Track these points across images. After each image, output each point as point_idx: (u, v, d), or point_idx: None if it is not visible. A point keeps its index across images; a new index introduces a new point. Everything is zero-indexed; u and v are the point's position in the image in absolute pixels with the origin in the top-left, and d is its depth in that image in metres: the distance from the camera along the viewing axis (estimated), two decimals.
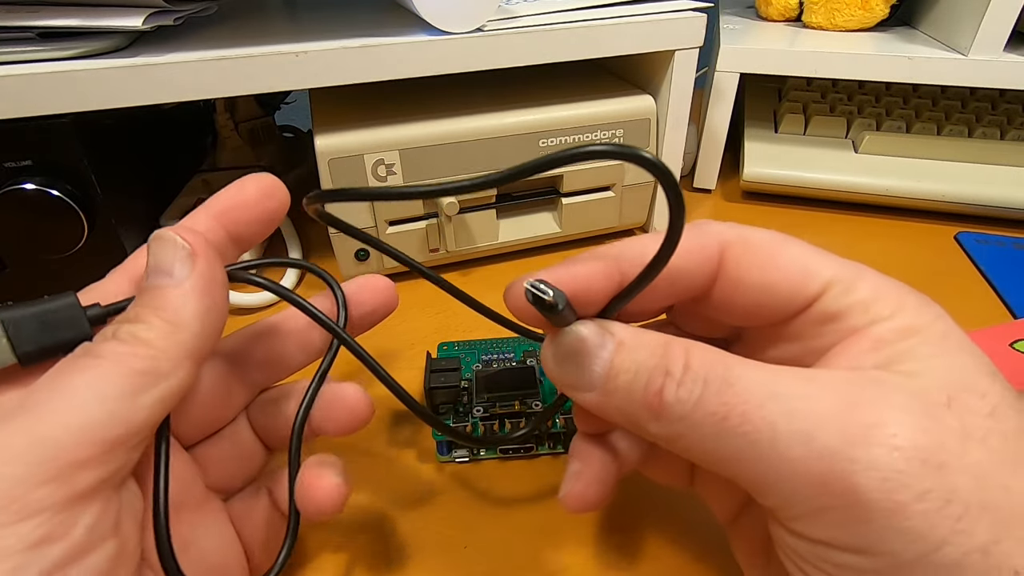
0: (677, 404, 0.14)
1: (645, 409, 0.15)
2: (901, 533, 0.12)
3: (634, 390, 0.15)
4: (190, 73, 0.29)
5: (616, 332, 0.16)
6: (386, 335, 0.34)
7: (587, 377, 0.15)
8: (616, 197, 0.40)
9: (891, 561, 0.12)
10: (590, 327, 0.16)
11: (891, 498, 0.12)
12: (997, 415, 0.13)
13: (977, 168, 0.43)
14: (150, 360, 0.15)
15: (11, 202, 0.29)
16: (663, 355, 0.15)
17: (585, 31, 0.34)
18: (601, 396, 0.15)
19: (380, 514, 0.24)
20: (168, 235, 0.17)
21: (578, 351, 0.15)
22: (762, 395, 0.14)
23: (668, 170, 0.13)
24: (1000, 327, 0.31)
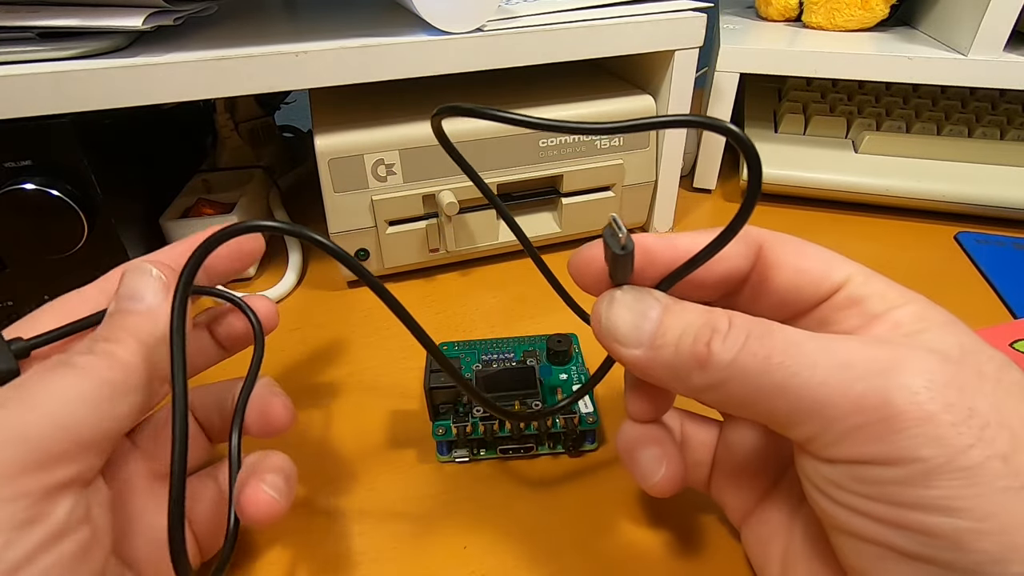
0: (724, 352, 0.16)
1: (693, 360, 0.16)
2: (931, 440, 0.13)
3: (682, 344, 0.16)
4: (190, 73, 0.29)
5: (661, 299, 0.18)
6: (386, 335, 0.34)
7: (636, 334, 0.17)
8: (616, 197, 0.40)
9: (920, 468, 0.13)
10: (641, 290, 0.18)
11: (922, 409, 0.13)
12: (1004, 369, 0.15)
13: (977, 168, 0.43)
14: (124, 374, 0.17)
15: (11, 202, 0.29)
16: (709, 316, 0.17)
17: (585, 31, 0.34)
18: (648, 351, 0.17)
19: (380, 514, 0.24)
20: (144, 266, 0.19)
21: (629, 309, 0.17)
22: (801, 339, 0.15)
23: (752, 146, 0.15)
24: (1000, 327, 0.31)
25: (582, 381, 0.27)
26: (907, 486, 0.13)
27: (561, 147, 0.37)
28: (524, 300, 0.36)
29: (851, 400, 0.14)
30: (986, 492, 0.13)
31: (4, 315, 0.32)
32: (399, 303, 0.18)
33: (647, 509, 0.24)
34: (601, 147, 0.38)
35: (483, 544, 0.23)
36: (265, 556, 0.22)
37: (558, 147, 0.37)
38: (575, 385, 0.27)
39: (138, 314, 0.18)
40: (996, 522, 0.13)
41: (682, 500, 0.24)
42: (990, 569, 0.13)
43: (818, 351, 0.15)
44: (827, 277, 0.18)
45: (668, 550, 0.22)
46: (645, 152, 0.39)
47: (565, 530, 0.23)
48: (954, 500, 0.13)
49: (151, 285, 0.18)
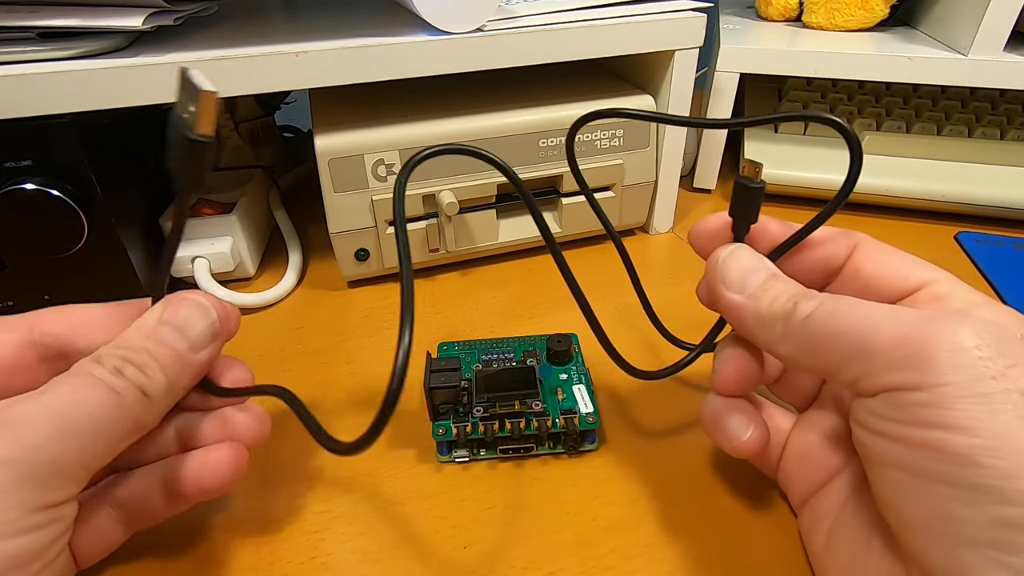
0: (805, 309, 0.18)
1: (780, 314, 0.19)
2: (959, 367, 0.15)
3: (776, 302, 0.19)
4: None
5: (772, 268, 0.21)
6: (386, 335, 0.34)
7: (741, 282, 0.21)
8: (616, 197, 0.40)
9: (945, 391, 0.15)
10: (756, 254, 0.22)
11: (957, 343, 0.15)
12: None
13: (977, 168, 0.43)
14: (145, 414, 0.17)
15: (11, 202, 0.29)
16: (803, 288, 0.20)
17: (585, 31, 0.34)
18: (747, 299, 0.20)
19: (380, 514, 0.24)
20: (205, 304, 0.19)
21: (744, 262, 0.21)
22: (865, 301, 0.18)
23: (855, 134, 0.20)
24: None
25: (582, 381, 0.27)
26: (932, 407, 0.15)
27: (561, 147, 0.37)
28: (524, 300, 0.36)
29: (895, 337, 0.16)
30: (1000, 417, 0.14)
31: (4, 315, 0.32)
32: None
33: (647, 509, 0.24)
34: (601, 147, 0.38)
35: (483, 544, 0.23)
36: (265, 556, 0.22)
37: (558, 147, 0.37)
38: (575, 385, 0.27)
39: (176, 354, 0.18)
40: (1006, 442, 0.14)
41: (682, 500, 0.24)
42: (998, 483, 0.14)
43: (876, 308, 0.17)
44: (912, 274, 0.20)
45: (669, 550, 0.22)
46: (645, 152, 0.39)
47: (565, 530, 0.23)
48: (972, 420, 0.14)
49: (203, 329, 0.19)
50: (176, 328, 0.18)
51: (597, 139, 0.37)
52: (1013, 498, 0.13)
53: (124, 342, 0.18)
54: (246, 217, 0.38)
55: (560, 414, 0.25)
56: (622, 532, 0.23)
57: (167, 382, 0.18)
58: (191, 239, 0.37)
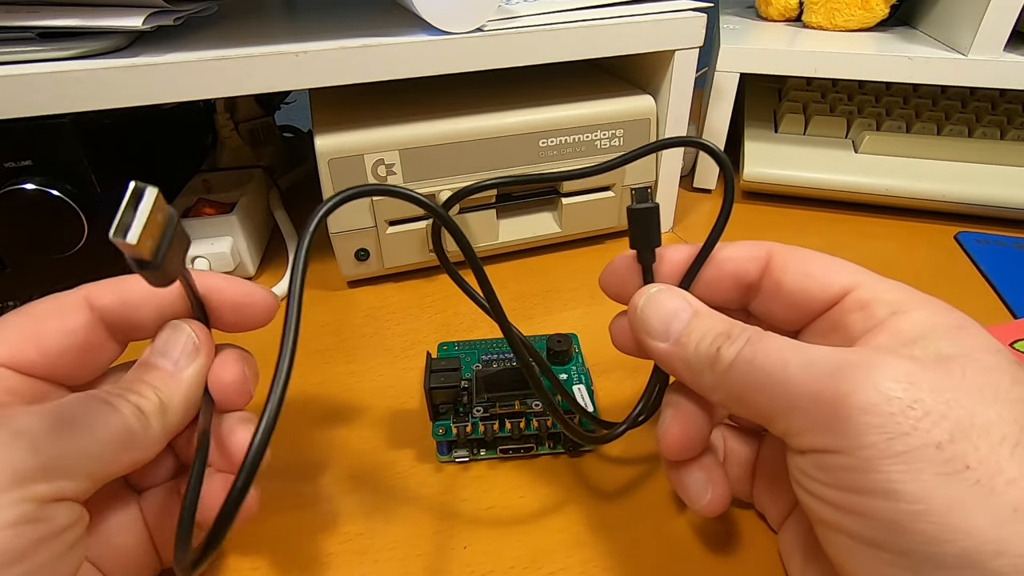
0: (727, 357, 0.18)
1: (706, 361, 0.18)
2: (871, 427, 0.14)
3: (701, 347, 0.18)
4: (190, 73, 0.29)
5: (693, 303, 0.20)
6: (386, 335, 0.34)
7: (665, 330, 0.20)
8: (616, 197, 0.40)
9: (864, 454, 0.14)
10: (675, 292, 0.20)
11: (866, 400, 0.15)
12: (984, 372, 0.15)
13: (977, 168, 0.43)
14: (142, 428, 0.17)
15: (11, 202, 0.29)
16: (728, 326, 0.19)
17: (585, 31, 0.34)
18: (672, 347, 0.19)
19: (380, 514, 0.24)
20: (182, 326, 0.20)
21: (663, 307, 0.20)
22: (784, 344, 0.17)
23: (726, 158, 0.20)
24: (1000, 327, 0.31)
25: (582, 381, 0.27)
26: (855, 472, 0.15)
27: (561, 147, 0.37)
28: (524, 300, 0.36)
29: (812, 393, 0.16)
30: (920, 477, 0.14)
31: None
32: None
33: (647, 509, 0.24)
34: (601, 147, 0.38)
35: (483, 544, 0.23)
36: (264, 556, 0.22)
37: (558, 147, 0.37)
38: (575, 385, 0.27)
39: (164, 371, 0.19)
40: (930, 504, 0.13)
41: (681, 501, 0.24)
42: (927, 549, 0.13)
43: (793, 355, 0.17)
44: (833, 281, 0.19)
45: (669, 551, 0.22)
46: None
47: (565, 530, 0.23)
48: (893, 484, 0.14)
49: (182, 346, 0.19)
50: (159, 352, 0.19)
51: (597, 139, 0.37)
52: (945, 562, 0.13)
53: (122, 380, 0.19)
54: (246, 217, 0.38)
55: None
56: (622, 532, 0.23)
57: (159, 400, 0.18)
58: (191, 239, 0.37)
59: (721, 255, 0.21)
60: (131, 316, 0.20)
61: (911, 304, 0.18)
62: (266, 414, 0.16)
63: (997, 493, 0.13)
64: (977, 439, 0.14)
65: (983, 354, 0.16)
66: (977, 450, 0.14)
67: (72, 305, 0.19)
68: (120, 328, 0.20)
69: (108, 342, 0.20)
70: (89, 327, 0.19)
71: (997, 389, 0.15)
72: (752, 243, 0.21)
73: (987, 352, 0.16)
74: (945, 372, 0.15)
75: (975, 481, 0.13)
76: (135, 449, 0.17)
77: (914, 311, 0.17)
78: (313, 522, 0.24)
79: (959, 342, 0.16)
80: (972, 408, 0.14)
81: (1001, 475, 0.13)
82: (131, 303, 0.20)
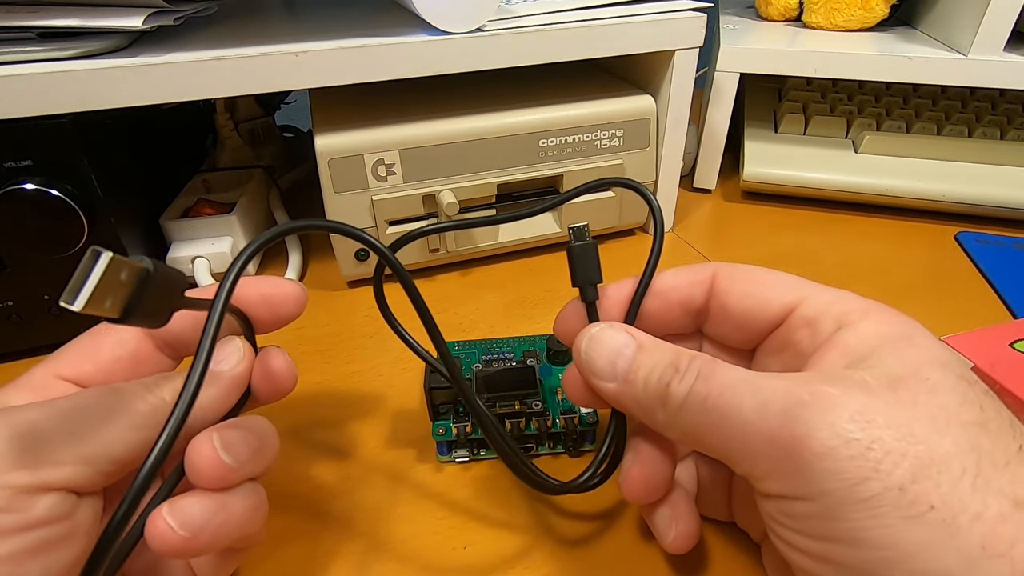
0: (678, 394, 0.17)
1: (657, 398, 0.17)
2: (831, 473, 0.14)
3: (650, 382, 0.18)
4: (190, 73, 0.29)
5: (637, 336, 0.19)
6: (386, 335, 0.34)
7: (611, 370, 0.18)
8: (616, 197, 0.40)
9: (827, 501, 0.14)
10: (617, 327, 0.19)
11: (823, 444, 0.14)
12: (934, 393, 0.15)
13: (977, 168, 0.43)
14: (153, 407, 0.17)
15: (11, 202, 0.29)
16: (675, 357, 0.18)
17: (585, 31, 0.34)
18: (621, 386, 0.18)
19: (380, 514, 0.24)
20: (236, 342, 0.20)
21: (606, 346, 0.19)
22: (736, 380, 0.16)
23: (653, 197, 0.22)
24: (1000, 327, 0.31)
25: None
26: (821, 520, 0.14)
27: (561, 147, 0.37)
28: (524, 300, 0.36)
29: (767, 438, 0.15)
30: (887, 522, 0.13)
31: (4, 315, 0.32)
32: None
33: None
34: (601, 147, 0.38)
35: (483, 544, 0.23)
36: (264, 556, 0.22)
37: (558, 147, 0.37)
38: None
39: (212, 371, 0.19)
40: (899, 550, 0.13)
41: None
42: None
43: (747, 392, 0.16)
44: (776, 299, 0.19)
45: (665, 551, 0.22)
46: (645, 152, 0.39)
47: (565, 530, 0.23)
48: (860, 532, 0.13)
49: (231, 353, 0.19)
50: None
51: (597, 139, 0.37)
52: None
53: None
54: (246, 217, 0.38)
55: (560, 414, 0.25)
56: (622, 532, 0.23)
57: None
58: (191, 239, 0.37)
59: (664, 285, 0.21)
60: (174, 327, 0.19)
61: (856, 315, 0.17)
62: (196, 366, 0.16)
63: (963, 531, 0.13)
64: (938, 475, 0.13)
65: (930, 371, 0.15)
66: (939, 487, 0.13)
67: None
68: (166, 341, 0.20)
69: (158, 355, 0.20)
70: (137, 338, 0.20)
71: (948, 414, 0.14)
72: (695, 267, 0.21)
73: (934, 367, 0.15)
74: (897, 402, 0.15)
75: (940, 521, 0.13)
76: (142, 428, 0.17)
77: (860, 323, 0.17)
78: (312, 522, 0.24)
79: (907, 357, 0.16)
80: (929, 441, 0.14)
81: (965, 512, 0.13)
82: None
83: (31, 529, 0.15)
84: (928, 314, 0.18)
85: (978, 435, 0.14)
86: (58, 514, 0.15)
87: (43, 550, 0.15)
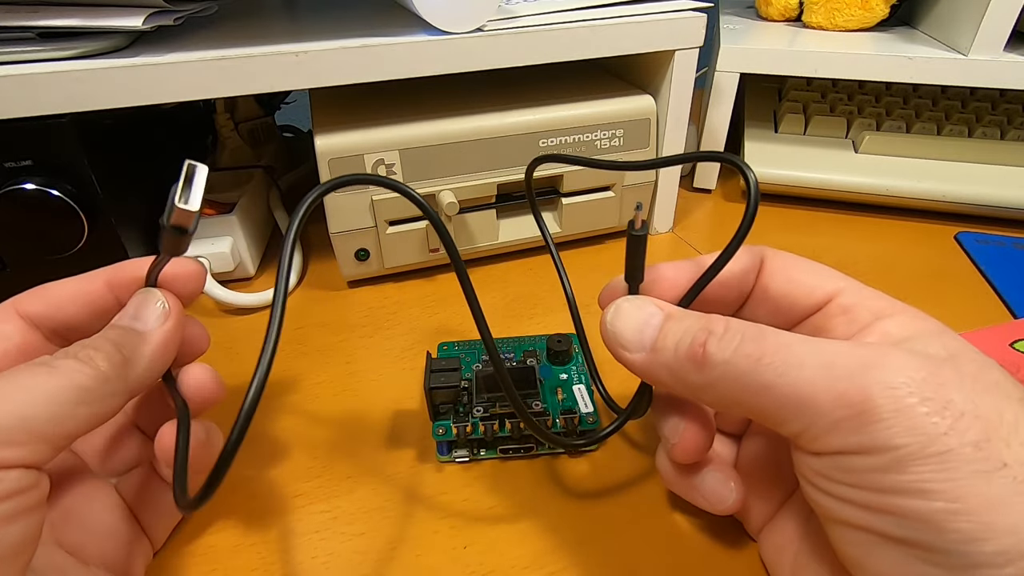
0: (719, 352, 0.17)
1: (689, 361, 0.17)
2: (908, 430, 0.14)
3: (680, 346, 0.18)
4: (190, 73, 0.29)
5: (664, 307, 0.19)
6: (386, 335, 0.34)
7: (639, 339, 0.19)
8: (616, 197, 0.40)
9: (896, 455, 0.14)
10: (644, 299, 0.19)
11: (900, 402, 0.14)
12: (984, 370, 0.16)
13: (977, 168, 0.43)
14: (95, 383, 0.17)
15: (11, 202, 0.29)
16: (707, 321, 0.18)
17: (585, 31, 0.34)
18: (650, 354, 0.18)
19: (380, 514, 0.24)
20: (154, 293, 0.20)
21: (632, 316, 0.19)
22: (792, 340, 0.16)
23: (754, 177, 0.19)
24: (1000, 327, 0.31)
25: (582, 381, 0.27)
26: (885, 472, 0.14)
27: (561, 147, 0.37)
28: (524, 300, 0.36)
29: (834, 396, 0.15)
30: (958, 475, 0.14)
31: None
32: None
33: (648, 509, 0.24)
34: (601, 147, 0.38)
35: (483, 544, 0.23)
36: (266, 556, 0.22)
37: (558, 147, 0.37)
38: (575, 385, 0.27)
39: (134, 332, 0.19)
40: (968, 503, 0.13)
41: (682, 500, 0.24)
42: (965, 548, 0.13)
43: (806, 352, 0.16)
44: (818, 287, 0.19)
45: (669, 550, 0.22)
46: (645, 152, 0.39)
47: (565, 530, 0.23)
48: (929, 483, 0.14)
49: (151, 309, 0.20)
50: (127, 315, 0.20)
51: (597, 139, 0.37)
52: (982, 561, 0.13)
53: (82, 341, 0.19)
54: (246, 217, 0.38)
55: (560, 414, 0.25)
56: (623, 532, 0.23)
57: (121, 355, 0.18)
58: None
59: (726, 271, 0.20)
60: (60, 316, 0.20)
61: (892, 310, 0.18)
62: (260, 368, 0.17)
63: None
64: (1008, 436, 0.14)
65: (973, 355, 0.16)
66: (1009, 447, 0.14)
67: (1, 314, 0.20)
68: (55, 330, 0.20)
69: (48, 345, 0.20)
70: (23, 331, 0.20)
71: (1001, 388, 0.15)
72: (746, 250, 0.21)
73: (975, 353, 0.16)
74: (959, 372, 0.15)
75: (1012, 478, 0.13)
76: (91, 402, 0.17)
77: (896, 316, 0.18)
78: (313, 522, 0.24)
79: (946, 344, 0.16)
80: (996, 407, 0.14)
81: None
82: (56, 304, 0.20)
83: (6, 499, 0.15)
84: (928, 314, 0.18)
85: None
86: (17, 488, 0.16)
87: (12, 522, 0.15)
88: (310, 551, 0.23)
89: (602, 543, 0.23)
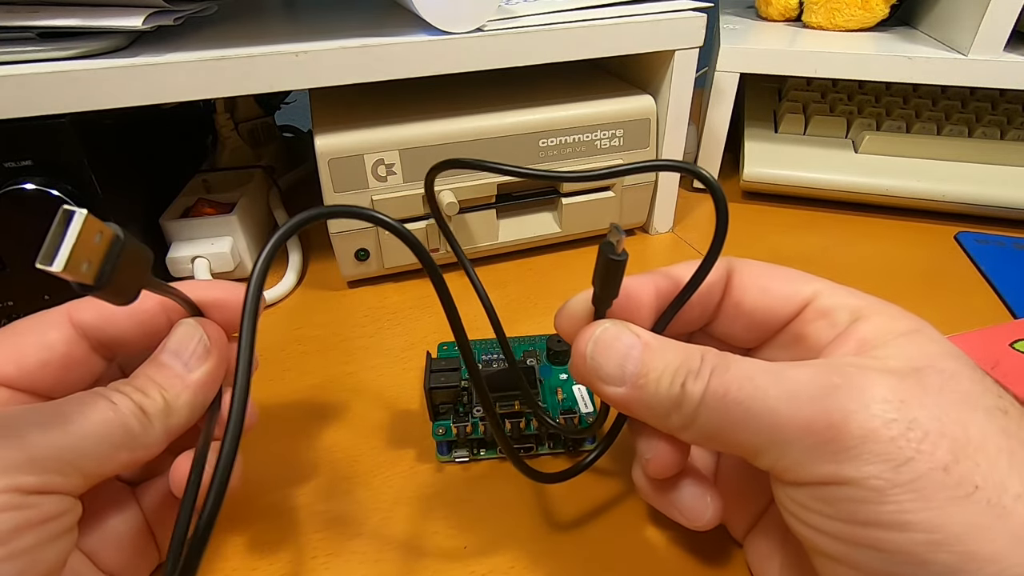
0: (694, 393, 0.16)
1: (671, 402, 0.17)
2: (875, 455, 0.14)
3: (661, 385, 0.17)
4: (190, 73, 0.29)
5: (641, 334, 0.18)
6: (386, 335, 0.34)
7: (620, 373, 0.17)
8: (616, 197, 0.40)
9: (870, 484, 0.14)
10: (619, 324, 0.18)
11: (863, 427, 0.14)
12: (953, 380, 0.15)
13: (977, 168, 0.43)
14: (142, 427, 0.17)
15: (11, 202, 0.29)
16: (686, 355, 0.17)
17: (585, 31, 0.34)
18: (631, 390, 0.17)
19: (380, 514, 0.24)
20: (196, 327, 0.19)
21: (612, 347, 0.18)
22: (753, 370, 0.16)
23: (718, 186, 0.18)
24: (1000, 327, 0.31)
25: None
26: (862, 503, 0.14)
27: (561, 147, 0.37)
28: (524, 300, 0.36)
29: (800, 425, 0.15)
30: (933, 504, 0.13)
31: (4, 315, 0.32)
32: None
33: (647, 508, 0.24)
34: (601, 147, 0.38)
35: (483, 544, 0.23)
36: (266, 556, 0.22)
37: (558, 147, 0.37)
38: (575, 385, 0.27)
39: (173, 373, 0.19)
40: (947, 532, 0.13)
41: None
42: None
43: (769, 383, 0.15)
44: (793, 294, 0.19)
45: (669, 549, 0.22)
46: (645, 152, 0.39)
47: (565, 530, 0.23)
48: (905, 514, 0.13)
49: (192, 348, 0.19)
50: (170, 351, 0.19)
51: (597, 139, 0.37)
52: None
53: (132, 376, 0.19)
54: (246, 217, 0.38)
55: (560, 414, 0.25)
56: (623, 532, 0.23)
57: (164, 401, 0.18)
58: (191, 239, 0.37)
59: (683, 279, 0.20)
60: (111, 330, 0.20)
61: (869, 310, 0.17)
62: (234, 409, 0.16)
63: (1009, 511, 0.13)
64: (976, 454, 0.13)
65: (946, 362, 0.15)
66: (979, 467, 0.13)
67: (53, 320, 0.19)
68: (101, 342, 0.20)
69: (92, 357, 0.20)
70: (70, 341, 0.19)
71: (972, 399, 0.15)
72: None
73: (948, 359, 0.16)
74: (924, 386, 0.15)
75: (987, 501, 0.13)
76: (133, 448, 0.17)
77: (873, 316, 0.17)
78: (313, 522, 0.24)
79: (923, 349, 0.16)
80: (962, 422, 0.14)
81: (1007, 491, 0.13)
82: (110, 317, 0.20)
83: (42, 524, 0.15)
84: (928, 314, 0.18)
85: (1002, 418, 0.14)
86: (59, 512, 0.16)
87: (52, 543, 0.16)
88: (310, 551, 0.23)
89: (603, 543, 0.23)
